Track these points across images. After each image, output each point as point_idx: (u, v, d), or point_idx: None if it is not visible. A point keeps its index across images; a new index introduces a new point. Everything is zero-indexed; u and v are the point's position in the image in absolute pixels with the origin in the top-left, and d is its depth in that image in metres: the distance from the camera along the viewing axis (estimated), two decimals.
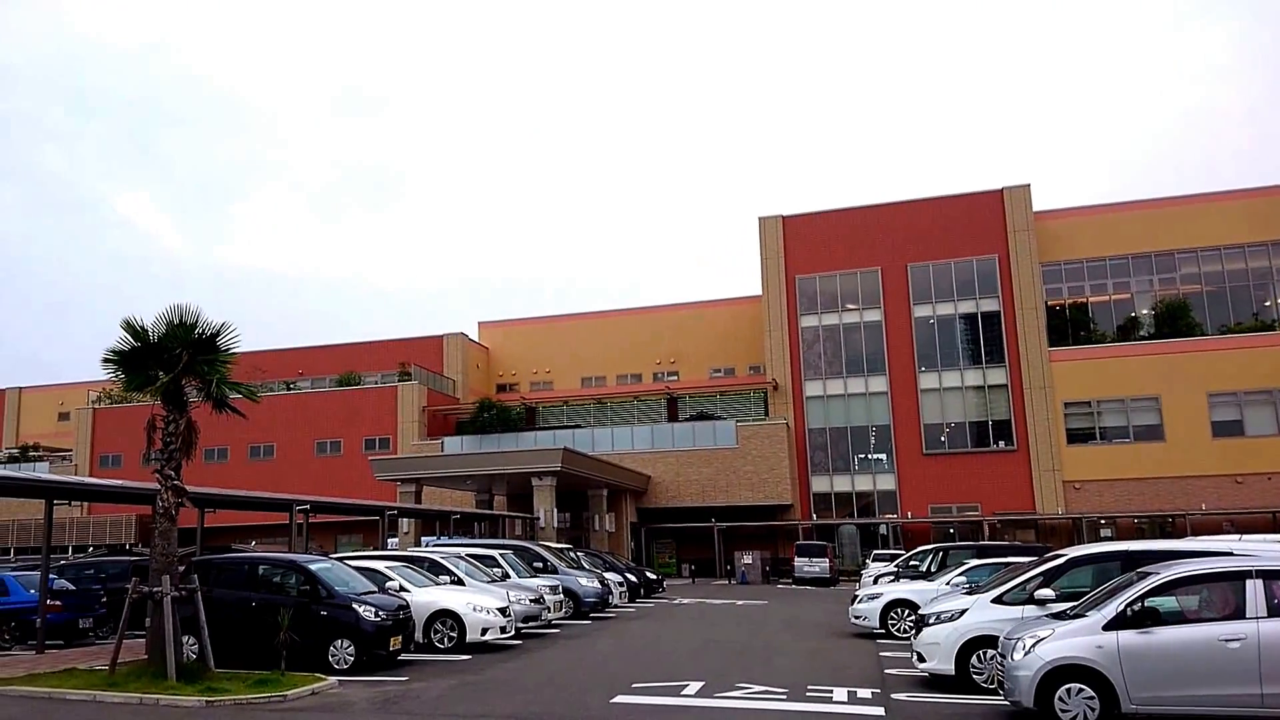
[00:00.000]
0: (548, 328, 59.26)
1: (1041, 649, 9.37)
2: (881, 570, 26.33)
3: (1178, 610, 9.42)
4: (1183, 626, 9.23)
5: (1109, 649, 9.14)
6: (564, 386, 56.65)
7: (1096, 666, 9.13)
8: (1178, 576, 9.51)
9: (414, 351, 53.95)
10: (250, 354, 35.81)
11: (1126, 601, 9.32)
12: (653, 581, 30.96)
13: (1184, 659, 9.03)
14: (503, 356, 59.57)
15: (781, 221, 48.05)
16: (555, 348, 57.95)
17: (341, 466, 48.23)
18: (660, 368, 55.56)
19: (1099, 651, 9.16)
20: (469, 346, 57.07)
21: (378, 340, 56.13)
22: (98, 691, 11.81)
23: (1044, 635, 9.50)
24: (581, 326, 58.18)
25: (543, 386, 57.44)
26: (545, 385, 57.49)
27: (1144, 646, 9.09)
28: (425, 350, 54.75)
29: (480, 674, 13.42)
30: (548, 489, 33.73)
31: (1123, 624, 9.22)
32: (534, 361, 58.55)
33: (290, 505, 21.88)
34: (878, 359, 45.72)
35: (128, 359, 13.42)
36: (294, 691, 11.67)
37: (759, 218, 48.32)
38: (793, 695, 11.40)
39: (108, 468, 51.81)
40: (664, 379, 54.01)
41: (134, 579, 13.50)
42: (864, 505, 44.89)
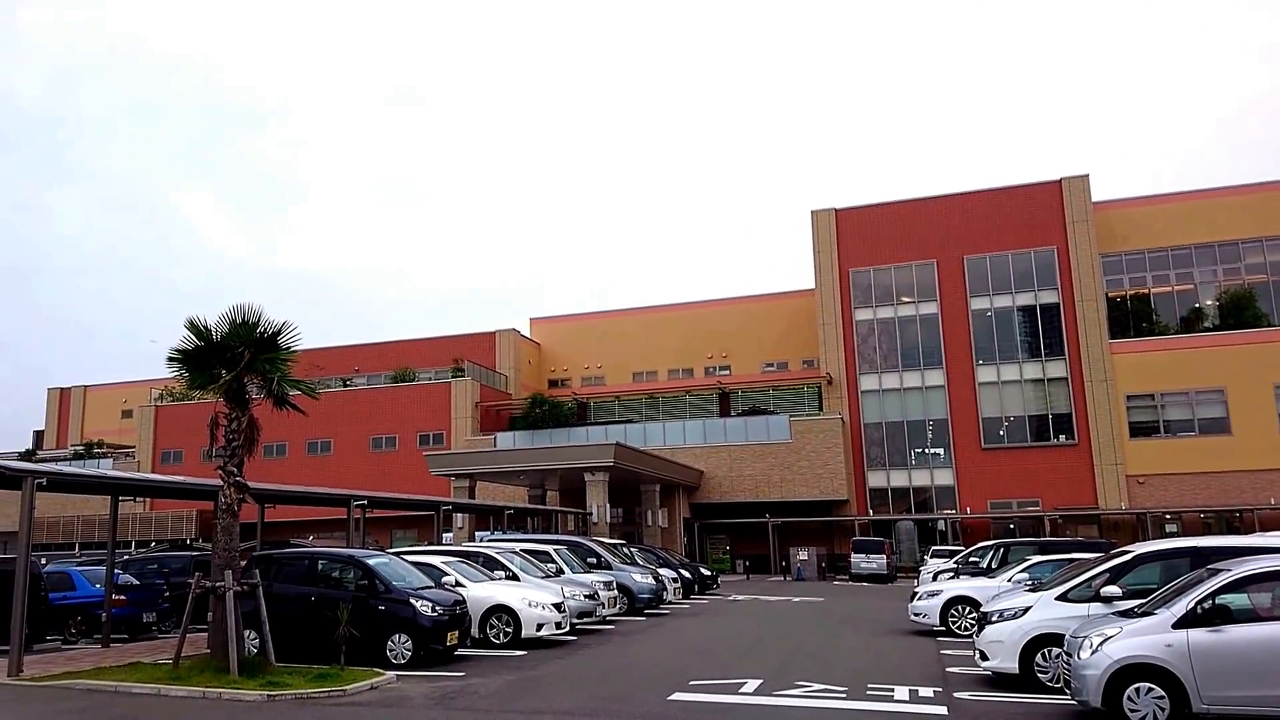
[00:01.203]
0: (599, 323, 59.33)
1: (1109, 647, 9.14)
2: (940, 567, 25.89)
3: (1249, 608, 9.12)
4: (1255, 625, 8.94)
5: (1179, 648, 8.90)
6: (615, 382, 56.71)
7: (1166, 665, 8.89)
8: (1250, 573, 9.22)
9: (467, 348, 54.45)
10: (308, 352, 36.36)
11: (1197, 599, 9.07)
12: (707, 577, 30.79)
13: (1257, 658, 8.76)
14: (554, 352, 59.82)
15: (834, 215, 47.59)
16: (606, 343, 58.04)
17: (396, 462, 48.81)
18: (712, 362, 55.36)
19: (1169, 650, 8.93)
20: (521, 342, 57.40)
21: (431, 337, 56.74)
22: (162, 685, 11.99)
23: (1112, 633, 9.27)
24: (632, 322, 58.18)
25: (594, 382, 57.56)
26: (596, 380, 57.61)
27: (1215, 645, 8.83)
28: (478, 346, 55.23)
29: (536, 669, 13.41)
30: (600, 484, 33.73)
31: (1193, 622, 8.97)
32: (585, 357, 58.70)
33: (348, 500, 22.11)
34: (934, 352, 45.08)
35: (192, 358, 13.63)
36: (353, 686, 11.75)
37: (811, 211, 47.93)
38: (853, 693, 11.21)
39: (169, 464, 53.04)
40: (716, 374, 53.82)
41: (196, 574, 13.73)
42: (921, 500, 44.27)
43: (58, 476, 15.36)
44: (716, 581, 32.35)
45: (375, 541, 36.69)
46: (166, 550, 31.43)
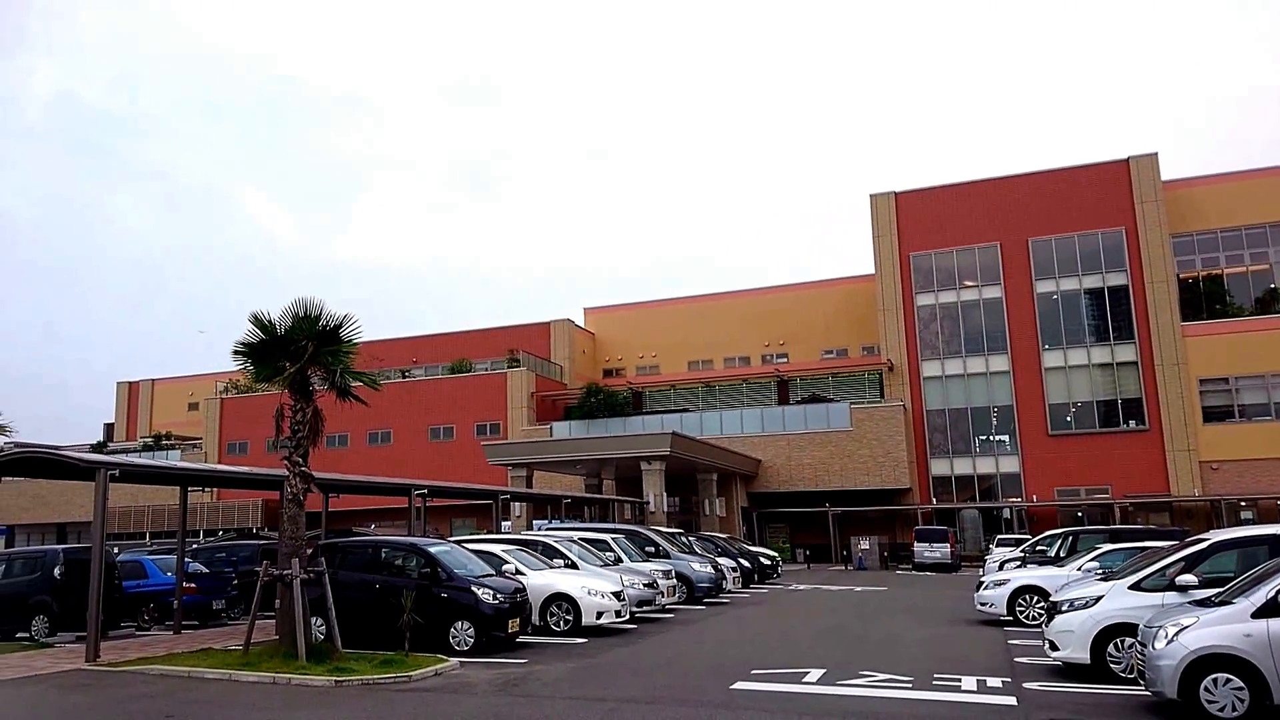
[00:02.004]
0: (653, 312, 59.25)
1: (1185, 637, 8.89)
2: (1006, 555, 25.41)
3: None
4: None
5: (1259, 637, 8.62)
6: (670, 370, 56.62)
7: (1245, 656, 8.62)
8: None
9: (522, 338, 54.83)
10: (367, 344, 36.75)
11: (1277, 588, 8.75)
12: (767, 566, 30.57)
13: None
14: (609, 341, 59.92)
15: (894, 198, 46.87)
16: (661, 332, 57.95)
17: (454, 451, 49.37)
18: (769, 350, 54.93)
19: (1248, 640, 8.64)
20: (575, 332, 57.61)
21: (487, 328, 57.25)
22: (233, 671, 12.25)
23: (1188, 623, 9.02)
24: (687, 310, 57.98)
25: (649, 371, 57.52)
26: (651, 369, 57.57)
27: None
28: (533, 337, 55.59)
29: (597, 657, 13.42)
30: (656, 473, 33.69)
31: (1273, 611, 8.67)
32: (640, 346, 58.69)
33: (409, 490, 22.38)
34: (998, 337, 44.21)
35: (257, 351, 13.87)
36: (418, 672, 11.88)
37: (870, 195, 47.27)
38: (919, 683, 11.02)
39: (235, 455, 54.34)
40: (773, 361, 53.42)
41: (264, 562, 13.98)
42: (986, 488, 43.52)
43: (129, 468, 15.76)
44: (777, 570, 32.11)
45: (435, 530, 37.14)
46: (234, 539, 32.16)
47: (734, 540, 34.37)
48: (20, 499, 54.95)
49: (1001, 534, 38.14)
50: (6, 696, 11.14)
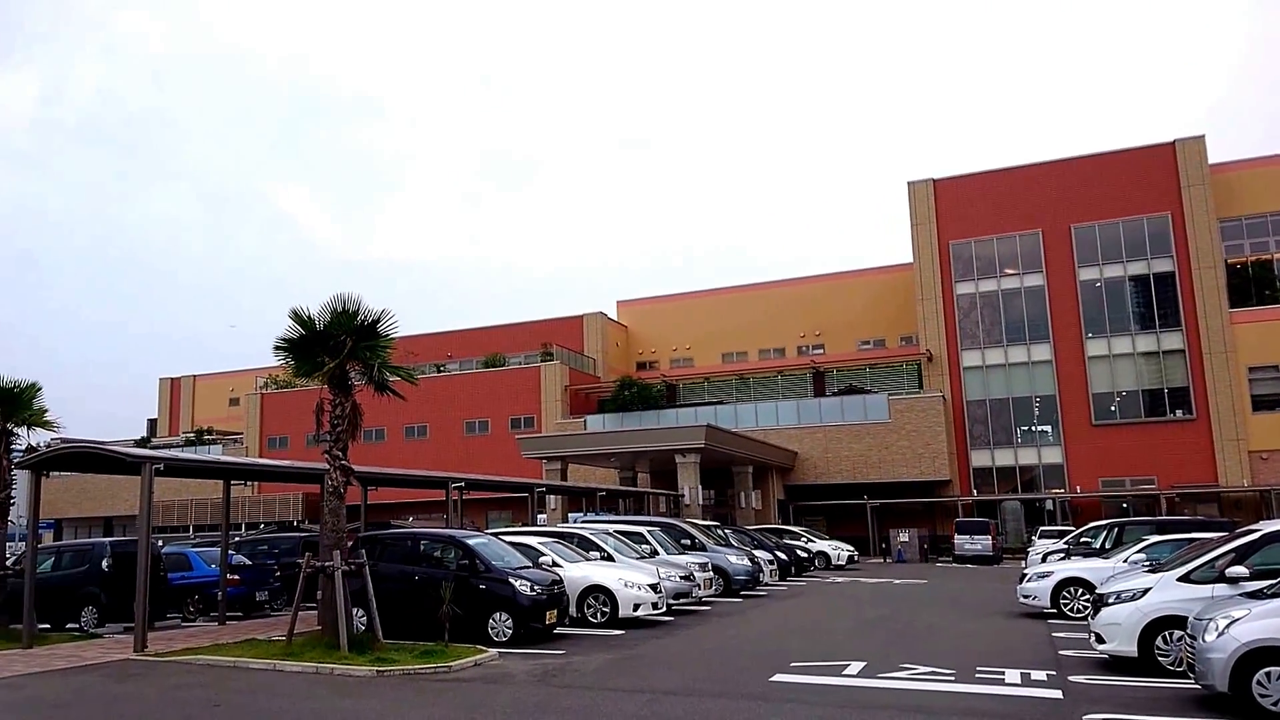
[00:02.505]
0: (686, 304, 59.07)
1: (1237, 630, 8.68)
2: (1049, 547, 25.07)
3: None
4: None
5: None
6: (704, 363, 56.44)
7: None
8: None
9: (555, 332, 54.93)
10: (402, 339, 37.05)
11: None
12: (803, 559, 30.43)
13: None
14: (642, 334, 59.86)
15: (932, 185, 46.30)
16: (695, 324, 57.77)
17: (488, 445, 49.62)
18: (805, 341, 54.57)
19: None
20: (608, 325, 57.62)
21: (520, 322, 57.46)
22: (277, 661, 12.42)
23: (1239, 615, 8.80)
24: (721, 302, 57.73)
25: (682, 363, 57.40)
26: (685, 362, 57.43)
27: None
28: (566, 330, 55.67)
29: (635, 649, 13.41)
30: (691, 466, 33.62)
31: None
32: (673, 338, 58.57)
33: (446, 483, 22.56)
34: (1040, 326, 43.56)
35: (297, 346, 14.02)
36: (458, 663, 11.95)
37: (908, 182, 46.75)
38: (961, 676, 10.87)
39: (275, 449, 55.03)
40: (809, 353, 53.09)
41: (306, 554, 14.16)
42: (1028, 480, 42.98)
43: (174, 462, 16.04)
44: (815, 563, 31.96)
45: (471, 522, 37.39)
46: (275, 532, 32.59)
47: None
48: (67, 493, 56.10)
49: (1044, 526, 37.66)
50: (60, 685, 11.39)
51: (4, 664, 13.04)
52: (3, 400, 16.93)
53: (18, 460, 17.11)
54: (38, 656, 13.74)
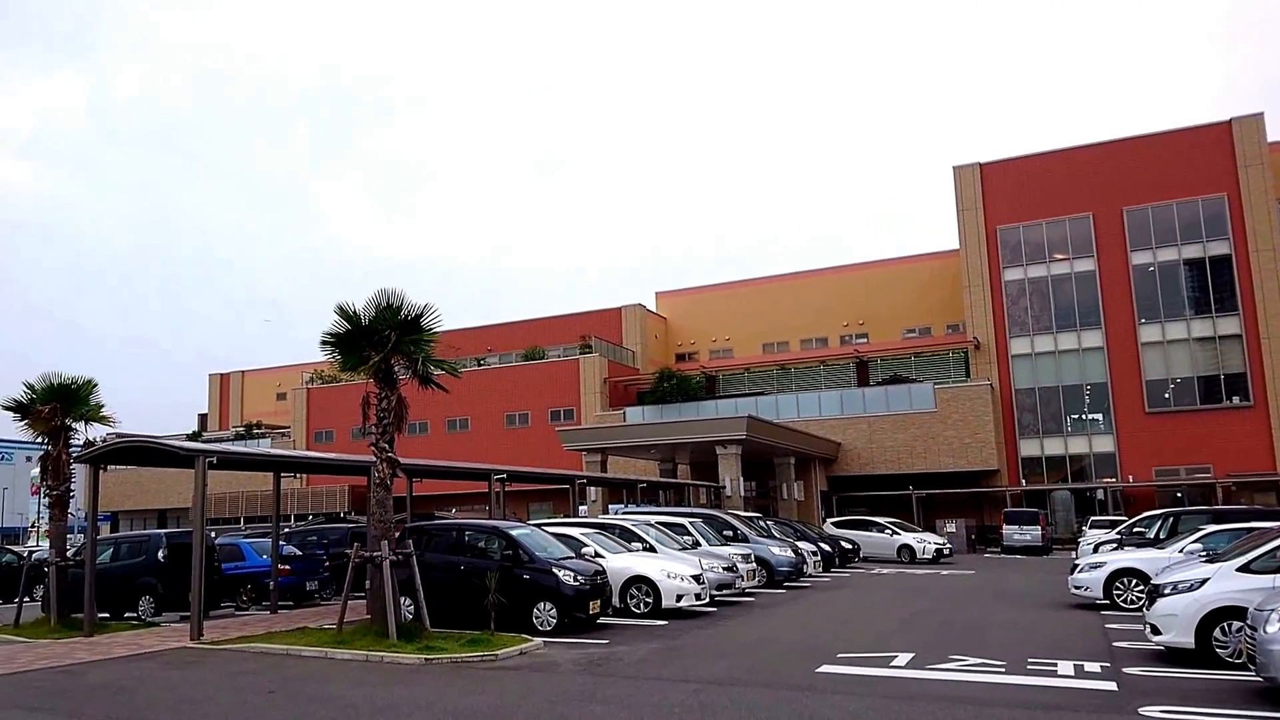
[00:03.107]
0: (726, 295, 58.81)
1: None
2: (1101, 538, 24.63)
3: None
4: None
5: None
6: (745, 354, 56.17)
7: None
8: None
9: (593, 324, 54.99)
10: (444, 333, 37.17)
11: None
12: (847, 551, 30.23)
13: None
14: (681, 326, 59.71)
15: (979, 170, 45.66)
16: (734, 315, 57.50)
17: (529, 437, 49.86)
18: (848, 330, 54.07)
19: None
20: (647, 317, 57.57)
21: (559, 315, 57.57)
22: (328, 649, 12.65)
23: None
24: (761, 292, 57.37)
25: (722, 354, 57.18)
26: (725, 353, 57.22)
27: None
28: (604, 323, 55.69)
29: (679, 639, 13.41)
30: (732, 457, 33.51)
31: None
32: (713, 329, 58.36)
33: (489, 474, 22.74)
34: (1091, 312, 42.82)
35: (343, 341, 14.19)
36: (503, 651, 12.06)
37: (953, 167, 46.18)
38: (1012, 668, 10.72)
39: (322, 442, 55.82)
40: (852, 342, 52.60)
41: (355, 544, 14.35)
42: (1078, 469, 42.33)
43: (227, 455, 16.34)
44: (858, 554, 31.75)
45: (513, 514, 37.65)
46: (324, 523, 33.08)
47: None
48: (122, 486, 57.38)
49: (1095, 516, 37.06)
50: (122, 672, 11.69)
51: (66, 652, 13.40)
52: (61, 397, 17.35)
53: (76, 454, 17.58)
54: (99, 644, 14.10)
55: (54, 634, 15.58)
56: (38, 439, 17.93)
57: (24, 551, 30.52)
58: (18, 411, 17.71)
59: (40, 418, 17.30)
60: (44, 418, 17.27)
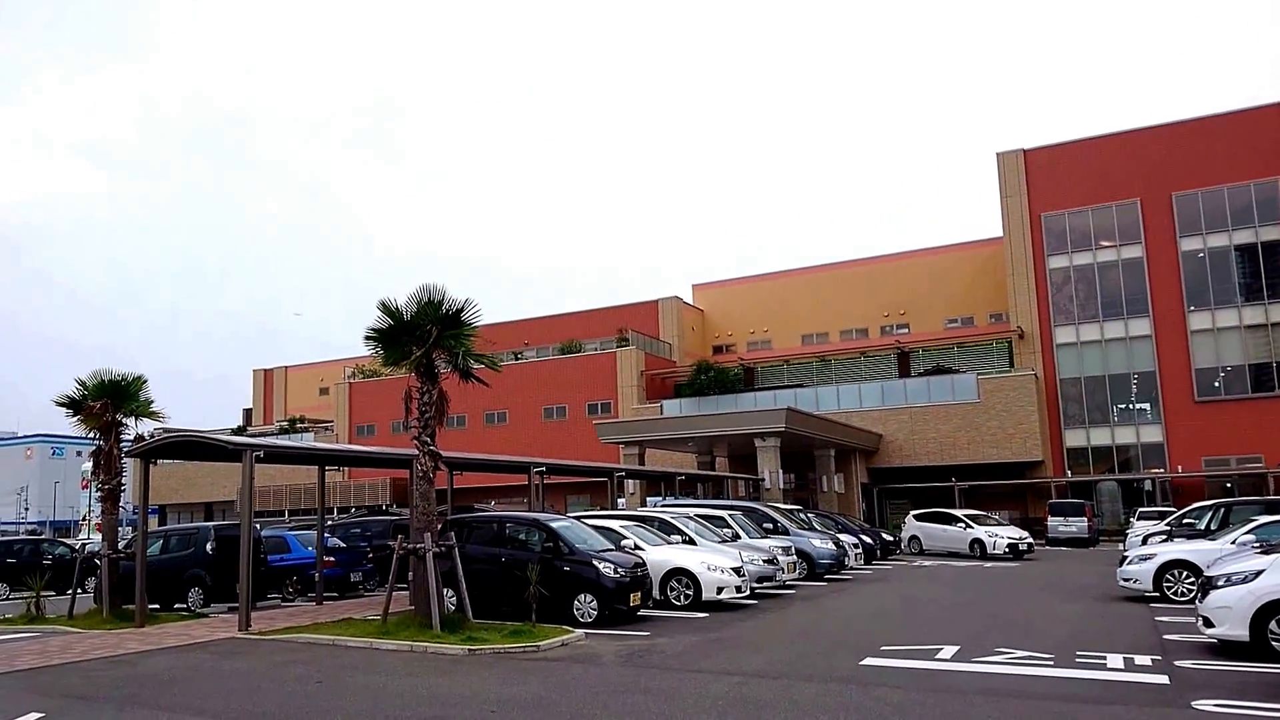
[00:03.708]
0: (764, 286, 58.49)
1: None
2: (1149, 529, 24.22)
3: None
4: None
5: None
6: (783, 345, 55.85)
7: None
8: None
9: (630, 317, 54.96)
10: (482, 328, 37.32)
11: None
12: (889, 543, 30.01)
13: None
14: (718, 317, 59.51)
15: (1022, 156, 44.97)
16: (773, 306, 57.19)
17: (566, 430, 50.03)
18: (888, 321, 53.52)
19: None
20: (684, 310, 57.45)
21: (595, 309, 57.65)
22: (373, 639, 12.79)
23: None
24: (800, 283, 57.00)
25: (760, 346, 56.91)
26: (763, 344, 56.94)
27: None
28: (641, 316, 55.65)
29: (720, 632, 13.38)
30: (771, 449, 33.35)
31: None
32: (751, 321, 58.08)
33: (529, 467, 22.88)
34: (1138, 299, 42.08)
35: (386, 336, 14.31)
36: (545, 642, 12.11)
37: (996, 153, 45.55)
38: (1060, 661, 10.55)
39: (363, 436, 56.45)
40: (893, 332, 52.10)
41: (399, 536, 14.50)
42: (1125, 460, 41.65)
43: (273, 449, 16.54)
44: (899, 547, 31.50)
45: (551, 506, 37.81)
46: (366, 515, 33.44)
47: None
48: (170, 480, 58.44)
49: (1142, 507, 36.44)
50: (173, 662, 11.92)
51: (118, 642, 13.65)
52: (113, 393, 17.65)
53: (127, 449, 17.85)
54: (150, 635, 14.35)
55: (106, 625, 15.82)
56: (89, 434, 18.23)
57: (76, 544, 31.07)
58: (71, 408, 17.99)
59: (92, 413, 17.58)
60: (96, 413, 17.55)
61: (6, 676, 11.08)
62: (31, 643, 14.14)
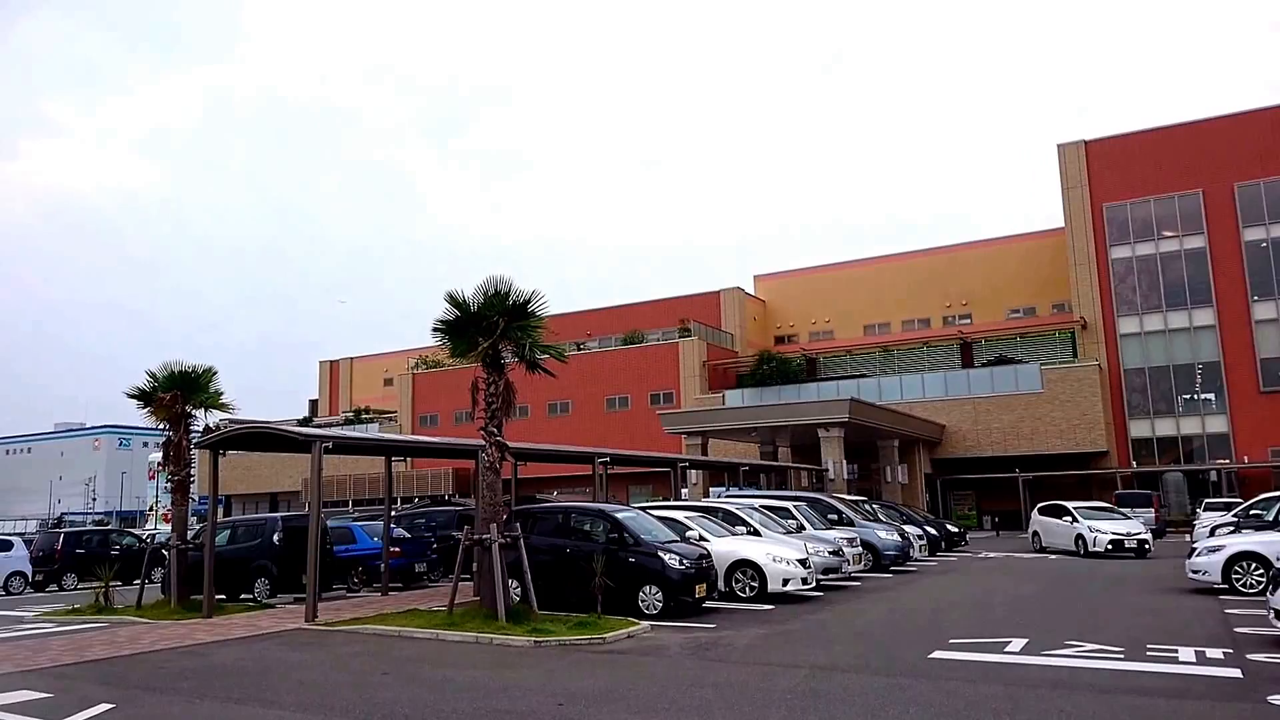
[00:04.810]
0: (826, 276, 58.10)
1: None
2: (1216, 521, 23.51)
3: None
4: None
5: None
6: (845, 336, 55.41)
7: None
8: None
9: (692, 308, 54.99)
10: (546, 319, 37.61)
11: None
12: (954, 534, 29.60)
13: None
14: (780, 308, 59.24)
15: (1084, 147, 44.27)
16: (835, 296, 56.82)
17: (628, 420, 50.18)
18: (951, 311, 52.86)
19: None
20: (745, 300, 57.28)
21: (657, 299, 57.78)
22: (439, 630, 12.91)
23: None
24: (862, 273, 56.52)
25: (822, 336, 56.53)
26: (825, 335, 56.55)
27: None
28: (703, 306, 55.64)
29: (786, 624, 13.32)
30: (835, 440, 33.09)
31: None
32: (813, 311, 57.72)
33: (593, 458, 22.93)
34: (1202, 289, 41.18)
35: (453, 327, 14.47)
36: (611, 634, 12.14)
37: (1058, 144, 44.96)
38: (1131, 654, 10.33)
39: (426, 426, 57.22)
40: (955, 323, 51.47)
41: (464, 527, 14.63)
42: (1190, 450, 40.63)
43: (341, 440, 16.82)
44: (965, 539, 31.06)
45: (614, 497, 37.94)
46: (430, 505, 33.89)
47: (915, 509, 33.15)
48: (235, 471, 59.81)
49: (1209, 498, 35.52)
50: (241, 653, 12.12)
51: (187, 633, 13.82)
52: (183, 384, 17.92)
53: (196, 440, 18.17)
54: (217, 626, 14.49)
55: (174, 615, 16.00)
56: (160, 426, 18.44)
57: (144, 535, 31.80)
58: (141, 399, 18.22)
59: (162, 405, 17.79)
60: (165, 405, 17.76)
61: (77, 667, 11.21)
62: (101, 633, 14.35)
